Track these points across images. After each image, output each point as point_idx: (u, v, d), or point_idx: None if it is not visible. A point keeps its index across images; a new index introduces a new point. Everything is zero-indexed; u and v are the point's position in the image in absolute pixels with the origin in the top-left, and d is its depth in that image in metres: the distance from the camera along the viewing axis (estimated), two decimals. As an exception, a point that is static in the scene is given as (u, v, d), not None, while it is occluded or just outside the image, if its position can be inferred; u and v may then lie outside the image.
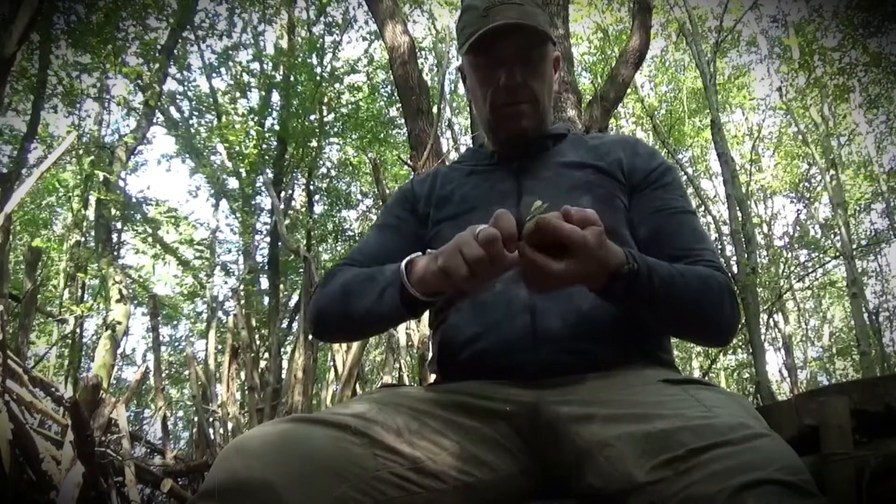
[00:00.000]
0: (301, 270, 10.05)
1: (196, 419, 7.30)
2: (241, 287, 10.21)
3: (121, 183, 9.84)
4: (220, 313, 11.58)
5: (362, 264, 1.22)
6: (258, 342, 9.62)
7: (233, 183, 11.96)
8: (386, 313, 1.07)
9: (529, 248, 0.88)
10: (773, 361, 16.45)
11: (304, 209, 12.25)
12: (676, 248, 1.14)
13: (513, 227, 0.88)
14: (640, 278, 0.97)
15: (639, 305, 1.02)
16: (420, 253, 1.03)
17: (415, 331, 6.02)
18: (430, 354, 1.25)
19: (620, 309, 1.05)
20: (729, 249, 11.41)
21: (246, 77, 11.62)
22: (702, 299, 1.06)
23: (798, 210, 15.20)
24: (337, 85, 11.54)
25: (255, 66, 11.79)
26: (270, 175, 11.00)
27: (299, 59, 11.20)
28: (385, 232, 1.30)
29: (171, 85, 11.26)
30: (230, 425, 7.12)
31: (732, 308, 1.11)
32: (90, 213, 9.93)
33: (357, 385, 6.20)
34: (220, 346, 10.11)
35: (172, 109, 11.77)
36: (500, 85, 1.20)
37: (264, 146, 11.19)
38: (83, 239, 10.57)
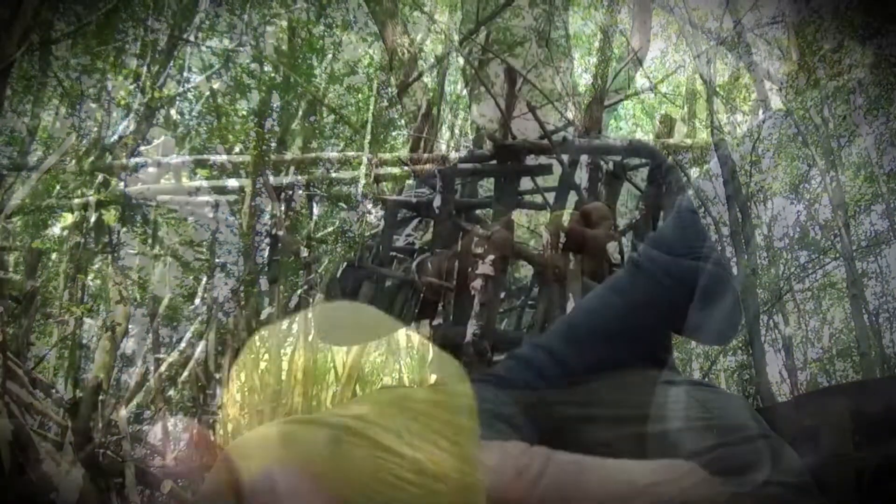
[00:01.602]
0: (301, 272, 10.06)
1: (196, 420, 7.29)
2: (241, 288, 10.19)
3: (121, 184, 9.83)
4: (219, 314, 11.56)
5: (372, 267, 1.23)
6: (258, 343, 9.60)
7: (233, 184, 11.94)
8: (401, 314, 1.08)
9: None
10: (774, 363, 16.37)
11: (304, 211, 12.23)
12: (677, 245, 1.14)
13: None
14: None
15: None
16: (428, 253, 1.04)
17: (415, 332, 6.02)
18: (430, 355, 1.25)
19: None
20: (728, 251, 11.38)
21: (246, 78, 11.61)
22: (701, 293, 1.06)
23: (798, 211, 15.17)
24: (337, 86, 11.54)
25: (255, 66, 11.78)
26: (271, 177, 10.99)
27: (299, 61, 11.20)
28: (389, 232, 1.31)
29: (170, 86, 11.27)
30: (230, 427, 7.12)
31: (733, 304, 1.11)
32: (90, 215, 9.92)
33: (357, 386, 6.19)
34: (219, 348, 10.09)
35: (172, 111, 11.76)
36: None
37: (264, 147, 11.17)
38: (83, 240, 10.55)
